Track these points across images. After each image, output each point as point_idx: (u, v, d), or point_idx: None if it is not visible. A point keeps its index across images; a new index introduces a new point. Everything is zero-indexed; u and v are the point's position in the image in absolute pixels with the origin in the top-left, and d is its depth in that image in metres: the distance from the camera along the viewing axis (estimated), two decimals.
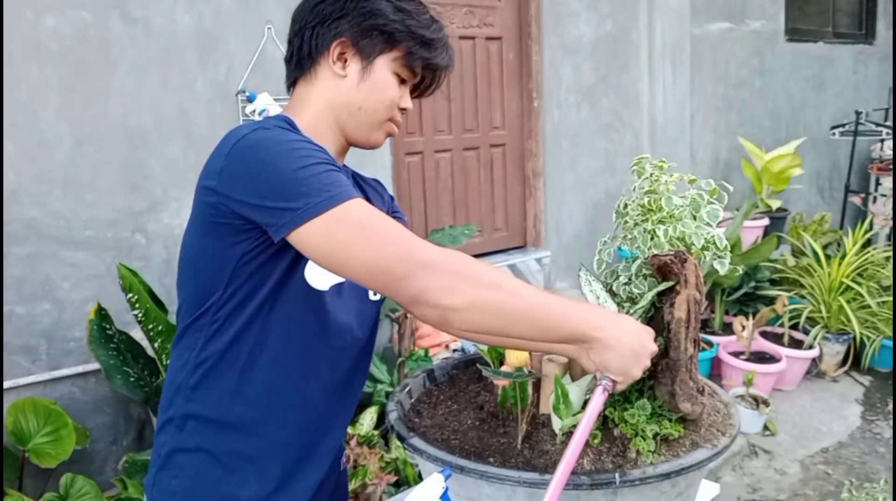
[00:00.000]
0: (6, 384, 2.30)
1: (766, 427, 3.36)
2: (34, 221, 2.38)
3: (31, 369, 2.40)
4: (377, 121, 1.12)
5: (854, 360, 3.95)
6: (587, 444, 1.02)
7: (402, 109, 1.14)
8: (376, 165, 3.23)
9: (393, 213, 1.28)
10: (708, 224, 1.11)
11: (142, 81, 2.56)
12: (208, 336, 1.05)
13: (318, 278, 1.07)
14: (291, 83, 1.15)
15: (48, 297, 2.42)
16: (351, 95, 1.10)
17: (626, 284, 1.12)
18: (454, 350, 3.12)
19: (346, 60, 1.09)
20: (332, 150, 1.12)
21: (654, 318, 1.09)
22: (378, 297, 1.20)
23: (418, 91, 1.16)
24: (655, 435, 1.01)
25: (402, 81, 1.12)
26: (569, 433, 1.03)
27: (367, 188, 1.25)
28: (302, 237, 0.92)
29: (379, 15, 1.07)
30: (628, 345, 0.93)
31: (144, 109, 2.58)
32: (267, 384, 1.06)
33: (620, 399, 1.07)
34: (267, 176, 0.93)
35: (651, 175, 1.15)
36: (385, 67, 1.09)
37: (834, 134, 5.25)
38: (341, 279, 1.10)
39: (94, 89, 2.47)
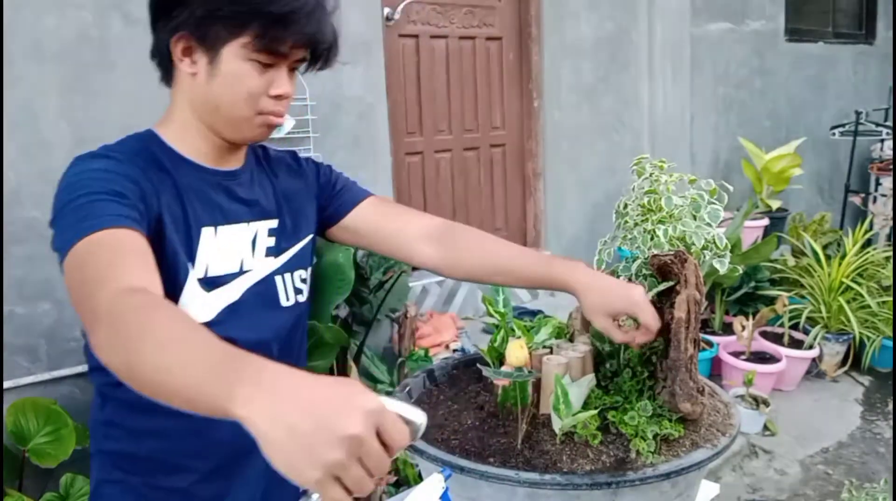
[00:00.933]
0: (6, 384, 2.30)
1: (766, 427, 3.36)
2: (34, 221, 2.38)
3: (31, 369, 2.40)
4: (242, 117, 1.01)
5: (854, 360, 3.95)
6: (587, 444, 1.02)
7: (278, 96, 1.01)
8: (376, 165, 3.23)
9: (332, 184, 1.23)
10: (708, 224, 1.11)
11: (142, 81, 2.55)
12: (108, 373, 0.94)
13: (200, 308, 1.00)
14: (164, 80, 1.07)
15: (48, 297, 2.42)
16: (205, 93, 1.00)
17: None
18: (454, 351, 3.12)
19: (192, 54, 0.99)
20: (211, 153, 1.05)
21: None
22: (291, 302, 1.12)
23: (316, 66, 1.05)
24: (655, 436, 1.01)
25: (269, 65, 0.99)
26: (569, 434, 1.03)
27: (277, 167, 1.19)
28: (64, 268, 0.88)
29: (213, 2, 0.95)
30: (288, 426, 0.55)
31: (144, 109, 2.57)
32: (175, 415, 0.91)
33: (620, 401, 1.07)
34: (52, 210, 0.93)
35: (651, 175, 1.15)
36: (236, 57, 0.97)
37: (834, 134, 5.24)
38: (233, 298, 1.03)
39: (94, 89, 2.47)
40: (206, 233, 1.03)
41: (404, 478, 2.42)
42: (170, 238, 0.97)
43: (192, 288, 1.00)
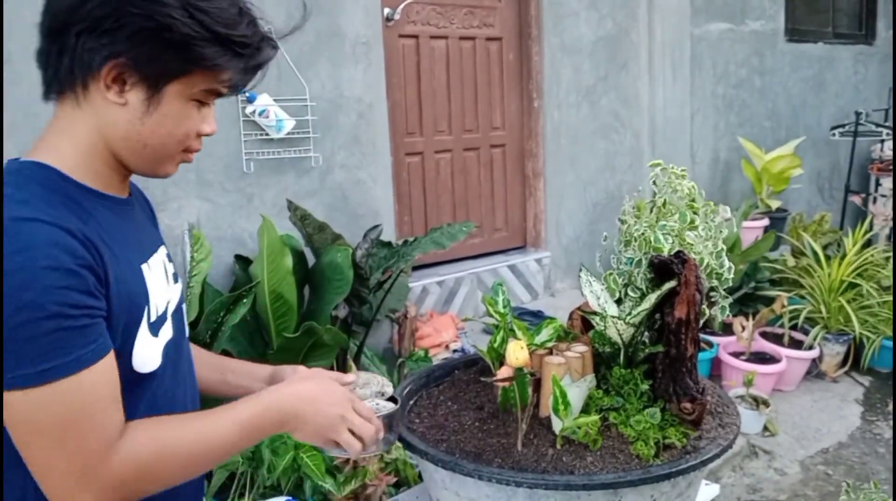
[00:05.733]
0: None
1: (766, 428, 3.36)
2: None
3: None
4: (168, 155, 0.90)
5: (854, 360, 3.95)
6: (587, 448, 1.02)
7: (205, 134, 0.93)
8: (376, 165, 3.23)
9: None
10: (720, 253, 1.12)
11: None
12: None
13: (151, 356, 0.91)
14: (48, 94, 0.89)
15: None
16: (131, 129, 0.86)
17: (625, 285, 1.12)
18: (454, 351, 3.12)
19: (124, 84, 0.84)
20: (111, 181, 0.92)
21: (653, 317, 1.09)
22: (188, 332, 1.08)
23: (241, 88, 0.96)
24: (657, 442, 1.01)
25: (205, 103, 0.90)
26: (568, 438, 1.03)
27: (142, 201, 1.08)
28: (7, 401, 0.77)
29: (169, 27, 0.80)
30: (314, 425, 0.94)
31: None
32: None
33: (621, 402, 1.07)
34: None
35: (667, 185, 1.14)
36: (179, 96, 0.86)
37: (834, 134, 5.25)
38: (170, 334, 0.96)
39: None
40: (145, 271, 0.93)
41: (404, 479, 2.43)
42: (124, 288, 0.86)
43: (143, 337, 0.89)
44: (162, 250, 1.02)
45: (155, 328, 0.92)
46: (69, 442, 0.78)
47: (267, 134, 2.85)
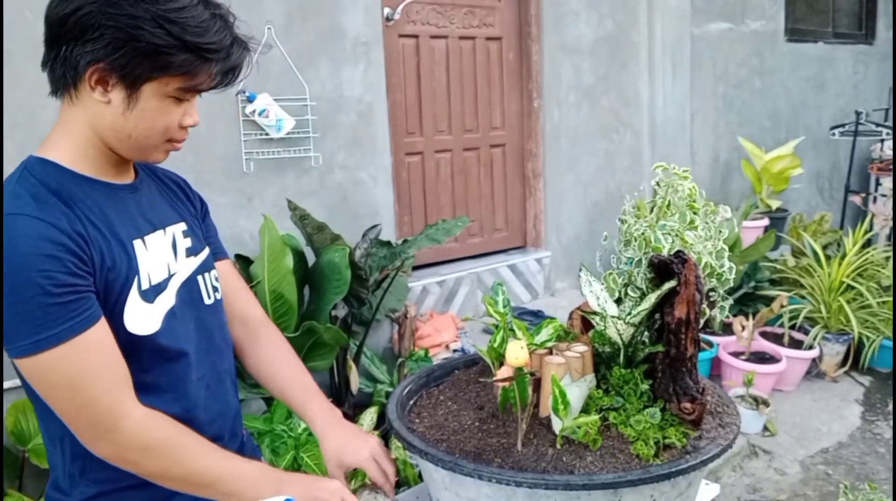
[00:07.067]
0: (6, 385, 2.30)
1: (766, 428, 3.36)
2: None
3: None
4: (151, 146, 1.02)
5: (854, 360, 3.95)
6: (587, 447, 1.02)
7: (187, 126, 1.04)
8: (376, 165, 3.23)
9: (206, 225, 1.25)
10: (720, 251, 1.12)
11: None
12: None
13: (146, 320, 1.02)
14: (54, 94, 1.02)
15: None
16: (116, 122, 0.98)
17: (625, 285, 1.12)
18: (454, 351, 3.12)
19: (107, 85, 0.96)
20: (110, 169, 1.04)
21: (653, 317, 1.09)
22: (212, 300, 1.16)
23: (224, 85, 1.06)
24: (657, 442, 1.01)
25: (184, 99, 1.01)
26: (568, 438, 1.03)
27: (167, 181, 1.20)
28: (21, 366, 0.95)
29: (139, 37, 0.91)
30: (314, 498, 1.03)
31: None
32: None
33: (621, 402, 1.07)
34: None
35: (668, 188, 1.14)
36: (155, 94, 0.97)
37: (834, 134, 5.24)
38: (170, 303, 1.07)
39: None
40: (138, 246, 1.05)
41: (404, 479, 2.43)
42: (109, 261, 0.99)
43: (134, 302, 1.01)
44: (175, 227, 1.13)
45: (148, 296, 1.04)
46: (80, 397, 0.94)
47: (267, 134, 2.85)
